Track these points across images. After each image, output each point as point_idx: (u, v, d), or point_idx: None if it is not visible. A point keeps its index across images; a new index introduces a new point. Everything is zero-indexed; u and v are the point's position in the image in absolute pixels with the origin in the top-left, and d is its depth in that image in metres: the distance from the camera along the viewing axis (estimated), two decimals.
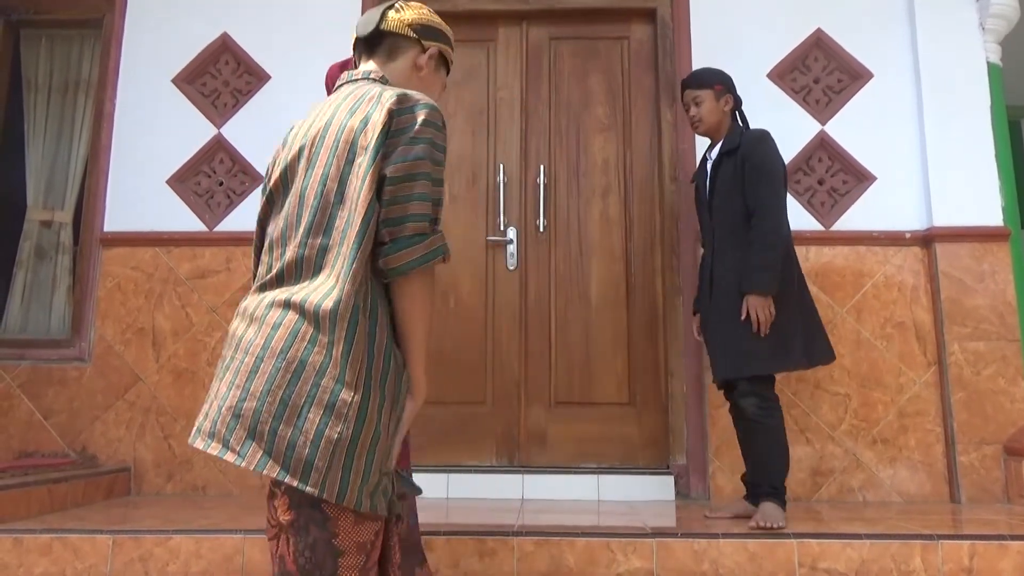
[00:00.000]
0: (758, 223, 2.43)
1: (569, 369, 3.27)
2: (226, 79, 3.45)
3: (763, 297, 2.39)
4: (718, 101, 2.65)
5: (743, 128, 2.66)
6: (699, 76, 2.70)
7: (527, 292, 3.33)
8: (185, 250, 3.29)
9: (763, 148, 2.52)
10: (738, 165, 2.52)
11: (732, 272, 2.48)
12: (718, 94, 2.65)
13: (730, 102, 2.66)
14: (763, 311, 2.39)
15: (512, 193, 3.39)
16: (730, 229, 2.52)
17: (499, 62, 3.51)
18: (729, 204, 2.54)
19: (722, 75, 2.70)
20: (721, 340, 2.49)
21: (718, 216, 2.57)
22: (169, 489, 3.12)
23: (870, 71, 3.32)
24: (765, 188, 2.46)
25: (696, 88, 2.68)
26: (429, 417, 3.19)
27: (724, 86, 2.66)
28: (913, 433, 3.04)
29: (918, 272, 3.16)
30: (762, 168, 2.48)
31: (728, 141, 2.61)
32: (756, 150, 2.51)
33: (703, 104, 2.65)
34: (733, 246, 2.51)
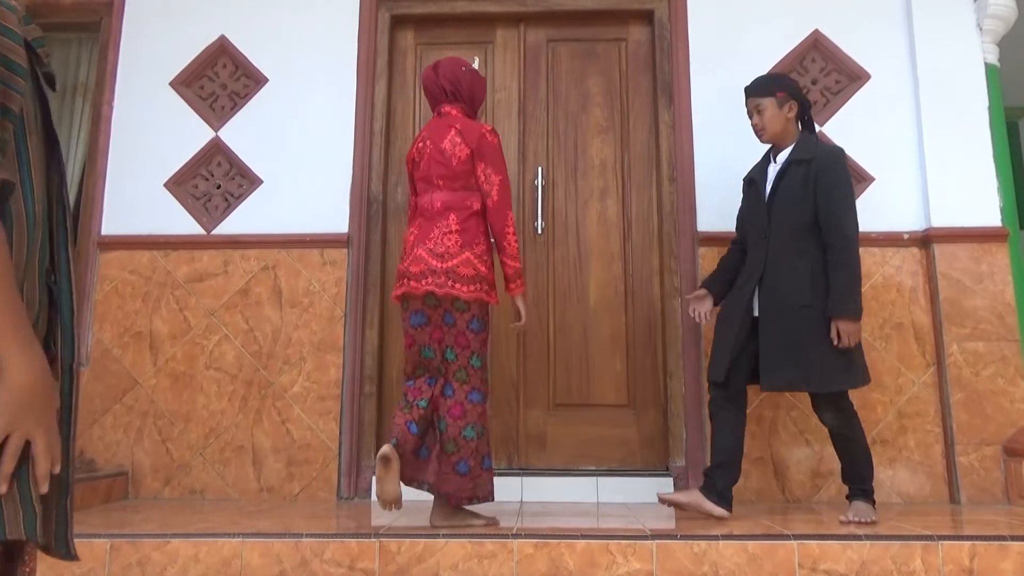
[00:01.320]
0: (842, 247, 2.41)
1: (568, 371, 3.27)
2: (224, 82, 3.45)
3: (855, 322, 2.40)
4: (781, 108, 2.58)
5: (816, 139, 2.60)
6: (759, 82, 2.63)
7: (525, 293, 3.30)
8: (183, 253, 3.28)
9: (843, 169, 2.50)
10: (811, 178, 2.47)
11: (792, 282, 2.45)
12: (780, 101, 2.58)
13: (794, 108, 2.59)
14: (856, 336, 2.40)
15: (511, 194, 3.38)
16: (791, 237, 2.49)
17: (497, 64, 3.51)
18: (794, 213, 2.49)
19: (784, 80, 2.64)
20: (786, 351, 2.43)
21: (778, 221, 2.52)
22: (167, 493, 3.11)
23: (868, 72, 3.32)
24: (848, 213, 2.44)
25: (757, 95, 2.60)
26: None
27: (787, 92, 2.59)
28: (912, 434, 3.04)
29: (916, 273, 3.15)
30: (845, 190, 2.47)
31: (801, 150, 2.54)
32: (837, 170, 2.48)
33: (765, 112, 2.58)
34: (792, 254, 2.48)
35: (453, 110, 2.46)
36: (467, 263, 2.33)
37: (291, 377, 3.16)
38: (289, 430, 3.12)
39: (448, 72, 2.46)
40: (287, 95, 3.40)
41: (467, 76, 2.46)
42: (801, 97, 2.62)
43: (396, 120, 3.48)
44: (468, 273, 2.33)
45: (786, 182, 2.53)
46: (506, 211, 2.37)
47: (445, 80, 2.46)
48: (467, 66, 2.49)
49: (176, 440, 3.14)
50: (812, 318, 2.41)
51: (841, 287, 2.40)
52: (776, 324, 2.46)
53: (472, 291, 2.32)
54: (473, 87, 2.48)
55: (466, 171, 2.39)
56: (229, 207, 3.34)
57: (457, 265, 2.32)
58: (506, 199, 2.37)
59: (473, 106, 2.50)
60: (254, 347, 3.19)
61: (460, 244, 2.35)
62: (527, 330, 3.28)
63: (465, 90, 2.46)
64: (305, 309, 3.21)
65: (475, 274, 2.33)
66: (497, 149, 2.40)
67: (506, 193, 2.37)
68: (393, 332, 3.29)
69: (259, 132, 3.37)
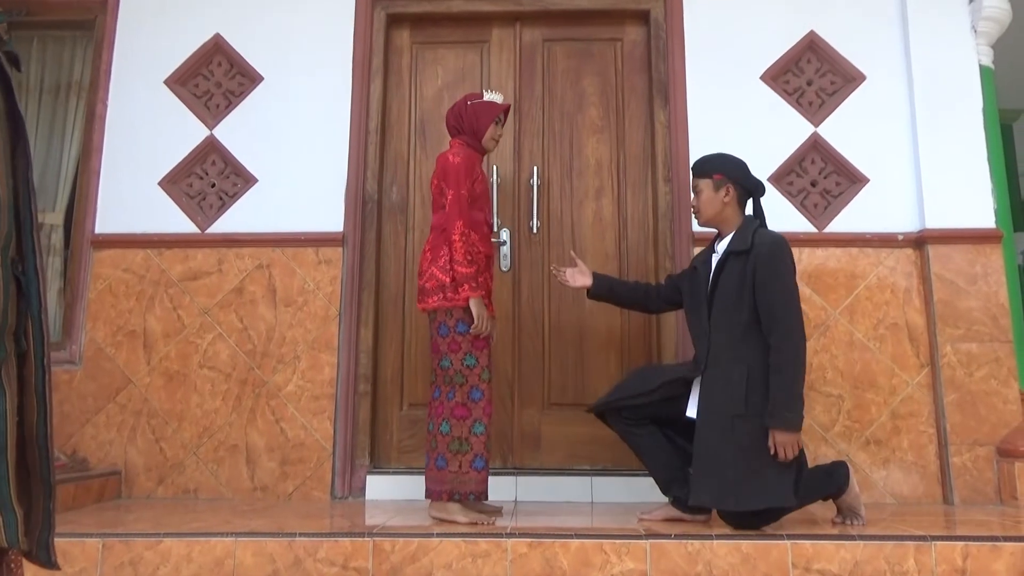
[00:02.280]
0: (784, 349, 2.24)
1: (563, 370, 3.27)
2: (219, 80, 3.44)
3: (793, 434, 2.23)
4: (716, 192, 2.45)
5: (757, 225, 2.43)
6: (700, 161, 2.52)
7: (520, 293, 3.33)
8: (177, 252, 3.27)
9: (782, 259, 2.32)
10: (748, 272, 2.32)
11: (727, 391, 2.30)
12: (716, 184, 2.45)
13: (731, 193, 2.44)
14: (793, 448, 2.22)
15: (505, 194, 3.39)
16: (727, 341, 2.34)
17: (493, 63, 3.51)
18: (729, 315, 2.35)
19: (725, 162, 2.48)
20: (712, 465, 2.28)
21: (717, 321, 2.38)
22: (160, 492, 3.10)
23: (863, 73, 3.33)
24: (788, 310, 2.27)
25: (695, 175, 2.51)
26: (417, 419, 3.19)
27: (725, 175, 2.44)
28: (906, 434, 3.05)
29: (911, 274, 3.16)
30: (784, 283, 2.30)
31: (738, 240, 2.39)
32: (775, 261, 2.30)
33: (701, 194, 2.48)
34: (728, 360, 2.33)
35: (455, 142, 2.63)
36: (431, 277, 2.50)
37: (285, 376, 3.16)
38: (283, 429, 3.12)
39: (455, 107, 2.64)
40: (282, 93, 3.40)
41: (469, 109, 2.60)
42: (746, 182, 2.47)
43: (391, 119, 3.48)
44: (431, 286, 2.49)
45: (724, 277, 2.39)
46: (453, 221, 2.46)
47: (451, 115, 2.65)
48: (474, 99, 2.62)
49: (169, 439, 3.14)
50: (745, 429, 2.26)
51: (779, 393, 2.23)
52: (707, 433, 2.32)
53: (435, 301, 2.47)
54: (474, 118, 2.60)
55: (439, 193, 2.56)
56: (223, 206, 3.34)
57: (426, 281, 2.51)
58: (454, 210, 2.47)
59: (476, 136, 2.61)
60: (248, 346, 3.19)
61: (430, 260, 2.52)
62: (522, 329, 3.28)
63: (466, 123, 2.60)
64: (299, 308, 3.21)
65: (437, 284, 2.48)
66: (454, 168, 2.50)
67: (456, 205, 2.47)
68: (387, 331, 3.30)
69: (254, 130, 3.37)
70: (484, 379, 2.48)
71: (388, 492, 3.07)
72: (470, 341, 2.46)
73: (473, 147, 2.62)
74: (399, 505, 2.89)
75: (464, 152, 2.56)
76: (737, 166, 2.50)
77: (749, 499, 2.25)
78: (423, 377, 3.23)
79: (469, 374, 2.46)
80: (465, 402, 2.45)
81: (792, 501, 2.28)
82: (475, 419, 2.44)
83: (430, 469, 2.45)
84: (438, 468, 2.43)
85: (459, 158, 2.53)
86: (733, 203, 2.46)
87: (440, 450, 2.43)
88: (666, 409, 2.49)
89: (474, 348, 2.47)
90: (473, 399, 2.45)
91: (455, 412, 2.44)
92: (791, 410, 2.22)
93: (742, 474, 2.24)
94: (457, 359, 2.45)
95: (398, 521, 2.48)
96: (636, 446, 2.52)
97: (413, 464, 3.18)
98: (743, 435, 2.27)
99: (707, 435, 2.32)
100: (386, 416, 3.25)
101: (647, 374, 2.57)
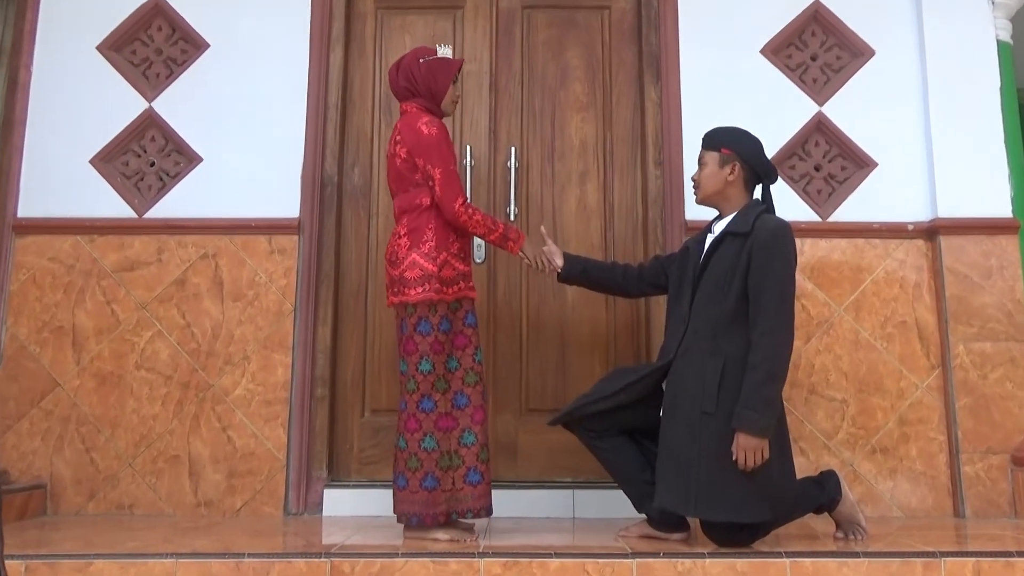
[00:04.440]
0: (764, 345, 2.21)
1: (542, 372, 3.27)
2: (159, 47, 3.40)
3: (758, 440, 2.19)
4: (722, 168, 2.44)
5: (762, 210, 2.42)
6: (710, 133, 2.53)
7: (496, 287, 3.32)
8: (111, 239, 3.23)
9: (783, 247, 2.29)
10: (743, 256, 2.30)
11: (698, 385, 2.27)
12: (723, 159, 2.44)
13: (736, 172, 2.44)
14: (757, 455, 2.18)
15: (480, 177, 3.37)
16: (707, 331, 2.32)
17: (467, 32, 3.49)
18: (714, 301, 2.33)
19: (738, 138, 2.47)
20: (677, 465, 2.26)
21: (699, 307, 2.37)
22: (91, 509, 3.06)
23: (872, 48, 3.35)
24: (778, 303, 2.24)
25: (704, 146, 2.51)
26: (380, 427, 3.18)
27: (734, 151, 2.44)
28: (915, 442, 3.08)
29: (921, 267, 3.19)
30: (780, 275, 2.26)
31: (738, 221, 2.38)
32: (773, 248, 2.28)
33: (705, 167, 2.48)
34: (703, 351, 2.31)
35: (411, 107, 2.55)
36: (413, 265, 2.43)
37: (233, 379, 3.13)
38: (231, 438, 3.10)
39: (406, 66, 2.56)
40: (231, 63, 3.35)
41: (423, 68, 2.53)
42: (757, 163, 2.46)
43: (353, 92, 3.45)
44: (414, 275, 2.42)
45: (716, 259, 2.38)
46: (451, 204, 2.43)
47: (400, 75, 2.56)
48: (427, 55, 2.55)
49: (102, 449, 3.10)
50: (713, 429, 2.23)
51: (749, 392, 2.20)
52: (673, 431, 2.30)
53: (419, 293, 2.41)
54: (430, 78, 2.53)
55: (409, 168, 2.48)
56: (164, 187, 3.30)
57: (405, 269, 2.44)
58: (450, 191, 2.43)
59: (434, 98, 2.55)
60: (191, 345, 3.16)
61: (408, 246, 2.45)
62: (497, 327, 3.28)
63: (421, 84, 2.53)
64: (250, 303, 3.18)
65: (422, 274, 2.42)
66: (435, 140, 2.45)
67: (449, 185, 2.44)
68: (348, 329, 3.29)
69: (198, 104, 3.33)
70: (470, 382, 2.47)
71: (348, 507, 3.06)
72: (452, 341, 2.44)
73: (432, 112, 2.56)
74: (360, 522, 2.88)
75: (438, 121, 2.52)
76: (750, 144, 2.49)
77: (713, 508, 2.24)
78: (387, 380, 3.21)
79: (452, 378, 2.44)
80: (450, 411, 2.43)
81: (765, 516, 2.26)
82: (463, 428, 2.44)
83: (410, 491, 2.39)
84: (426, 489, 2.38)
85: (435, 128, 2.47)
86: (738, 183, 2.46)
87: (427, 469, 2.39)
88: (638, 415, 2.49)
89: (456, 348, 2.46)
90: (459, 406, 2.44)
91: (439, 424, 2.41)
92: (758, 411, 2.19)
93: (707, 478, 2.23)
94: (439, 362, 2.42)
95: (359, 539, 2.45)
96: (603, 460, 2.53)
97: (376, 476, 3.16)
98: (711, 435, 2.24)
99: (672, 431, 2.31)
100: (346, 423, 3.23)
101: (614, 376, 2.55)
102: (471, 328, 2.51)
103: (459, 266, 2.48)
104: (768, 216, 2.40)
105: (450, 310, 2.45)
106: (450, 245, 2.47)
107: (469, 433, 2.44)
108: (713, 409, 2.25)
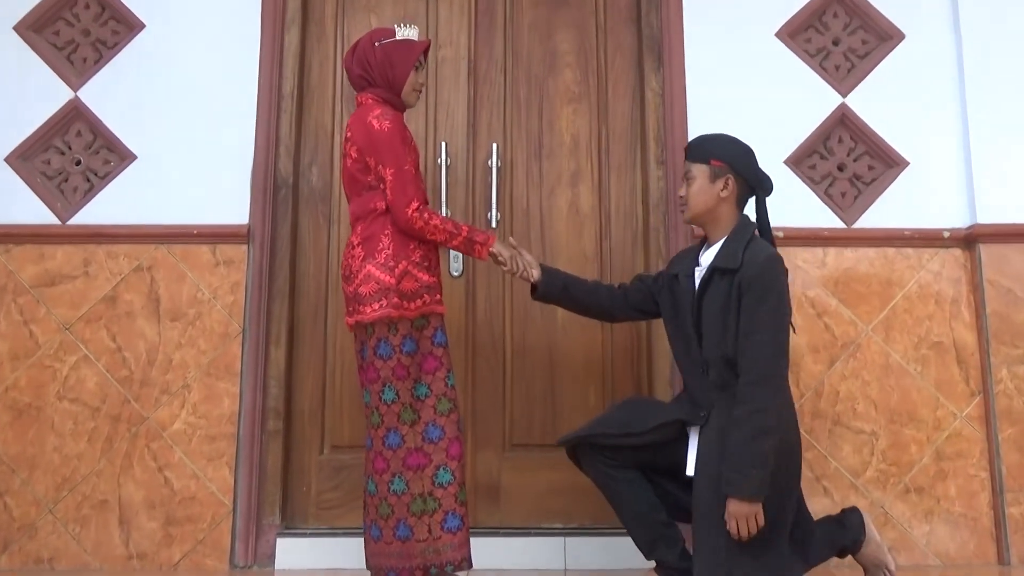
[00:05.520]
0: (751, 398, 2.16)
1: (528, 403, 3.18)
2: (86, 27, 3.28)
3: (750, 504, 2.11)
4: (713, 183, 2.36)
5: (751, 236, 2.34)
6: (696, 143, 2.44)
7: (474, 305, 3.22)
8: (29, 249, 3.12)
9: (773, 284, 2.22)
10: (733, 296, 2.24)
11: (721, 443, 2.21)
12: (715, 173, 2.36)
13: (730, 186, 2.35)
14: (750, 522, 2.12)
15: (456, 178, 3.28)
16: (721, 377, 2.27)
17: (441, 11, 3.40)
18: (720, 343, 2.26)
19: (729, 147, 2.40)
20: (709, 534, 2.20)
21: (711, 349, 2.30)
22: (4, 563, 2.94)
23: (901, 31, 3.27)
24: (767, 349, 2.18)
25: (689, 158, 2.42)
26: (342, 465, 3.11)
27: (726, 163, 2.36)
28: (953, 480, 3.00)
29: (959, 280, 3.12)
30: (768, 316, 2.19)
31: (726, 254, 2.29)
32: (764, 286, 2.20)
33: (693, 182, 2.39)
34: (724, 401, 2.24)
35: (367, 98, 2.50)
36: (368, 278, 2.37)
37: (171, 411, 3.02)
38: (168, 479, 2.98)
39: (359, 50, 2.51)
40: (170, 46, 3.26)
41: (378, 53, 2.47)
42: (750, 176, 2.38)
43: (311, 80, 3.35)
44: (369, 290, 2.36)
45: (708, 299, 2.31)
46: (403, 209, 2.36)
47: (354, 62, 2.51)
48: (382, 38, 2.49)
49: (17, 493, 2.97)
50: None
51: (738, 451, 2.14)
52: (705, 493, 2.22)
53: (375, 310, 2.35)
54: (386, 64, 2.46)
55: (361, 170, 2.43)
56: (92, 189, 3.19)
57: (359, 284, 2.39)
58: (402, 194, 2.37)
59: (393, 88, 2.49)
60: (123, 372, 3.04)
61: (362, 257, 2.41)
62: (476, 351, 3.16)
63: (376, 71, 2.47)
64: (191, 323, 3.08)
65: (378, 288, 2.36)
66: (386, 136, 2.39)
67: (402, 187, 2.37)
68: (305, 352, 3.20)
69: (132, 93, 3.23)
70: (443, 410, 2.38)
71: (304, 559, 2.96)
72: (419, 364, 2.37)
73: (391, 103, 2.49)
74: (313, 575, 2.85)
75: (392, 114, 2.44)
76: (743, 154, 2.42)
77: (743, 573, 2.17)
78: (350, 411, 3.12)
79: (421, 407, 2.36)
80: (420, 446, 2.34)
81: (798, 571, 2.22)
82: (438, 465, 2.34)
83: (384, 542, 2.33)
84: (400, 539, 2.31)
85: (388, 122, 2.40)
86: (731, 200, 2.38)
87: (399, 515, 2.31)
88: (656, 456, 2.40)
89: (424, 373, 2.38)
90: (430, 439, 2.36)
91: (408, 461, 2.32)
92: (747, 473, 2.12)
93: (733, 542, 2.16)
94: (404, 389, 2.34)
95: None
96: (613, 494, 2.41)
97: (336, 523, 3.07)
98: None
99: (704, 496, 2.23)
100: (302, 462, 3.13)
101: (639, 409, 2.46)
102: (441, 348, 2.42)
103: (422, 277, 2.40)
104: (757, 246, 2.32)
105: (414, 328, 2.37)
106: (410, 253, 2.40)
107: (444, 470, 2.34)
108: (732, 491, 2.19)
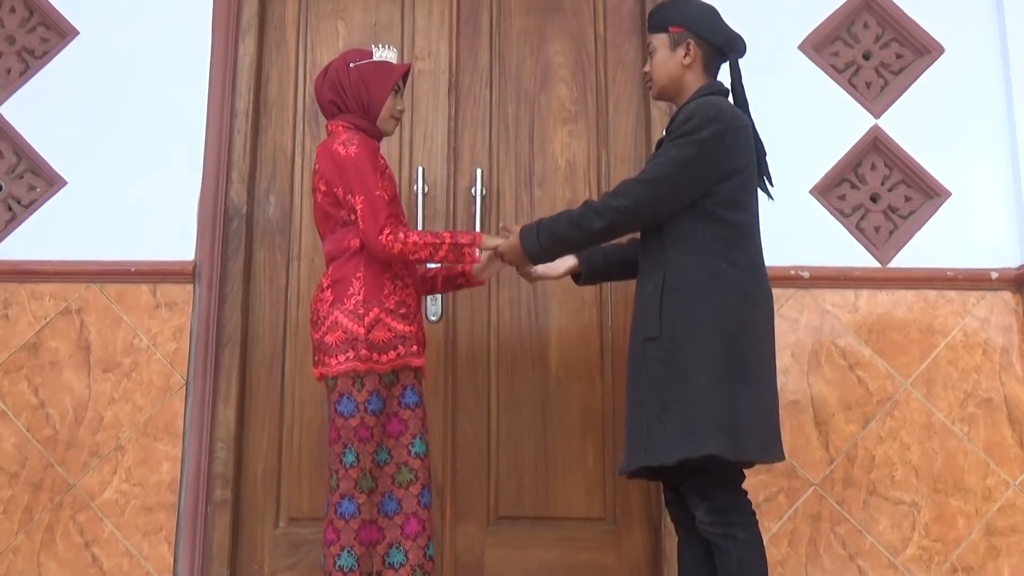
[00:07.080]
0: (614, 193, 2.26)
1: (517, 468, 3.07)
2: (11, 34, 3.23)
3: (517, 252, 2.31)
4: (674, 50, 2.33)
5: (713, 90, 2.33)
6: (652, 11, 2.46)
7: (455, 352, 3.12)
8: None
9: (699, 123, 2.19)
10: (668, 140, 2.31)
11: (641, 307, 2.29)
12: (674, 39, 2.33)
13: (692, 51, 2.31)
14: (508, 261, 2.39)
15: (435, 208, 3.21)
16: (649, 243, 2.33)
17: (418, 18, 3.33)
18: None
19: (686, 10, 2.38)
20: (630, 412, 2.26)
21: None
22: None
23: (940, 44, 3.20)
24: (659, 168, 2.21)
25: (648, 30, 2.43)
26: (301, 540, 2.99)
27: (685, 27, 2.32)
28: (1007, 558, 2.90)
29: (1010, 327, 3.03)
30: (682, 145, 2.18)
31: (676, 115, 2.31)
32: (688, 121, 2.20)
33: (655, 54, 2.38)
34: (648, 267, 2.31)
35: (337, 126, 2.48)
36: (335, 326, 2.35)
37: (102, 477, 2.94)
38: (96, 557, 2.89)
39: (331, 73, 2.50)
40: (107, 56, 3.20)
41: (353, 75, 2.45)
42: (713, 35, 2.34)
43: (269, 97, 3.28)
44: (336, 339, 2.34)
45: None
46: (375, 236, 2.33)
47: (326, 87, 2.50)
48: (357, 59, 2.49)
49: None
50: (656, 357, 2.19)
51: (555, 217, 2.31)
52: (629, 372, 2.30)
53: (341, 362, 2.32)
54: (361, 87, 2.45)
55: (333, 204, 2.41)
56: (14, 219, 3.13)
57: (326, 332, 2.37)
58: (372, 221, 2.34)
59: (368, 113, 2.47)
60: (46, 431, 2.96)
61: (331, 301, 2.39)
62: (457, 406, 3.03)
63: (351, 96, 2.46)
64: (126, 374, 3.01)
65: (345, 338, 2.33)
66: (352, 162, 2.38)
67: (372, 214, 2.35)
68: (259, 409, 3.10)
69: (63, 109, 3.17)
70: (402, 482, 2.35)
71: None
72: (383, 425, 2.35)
73: (365, 130, 2.46)
74: None
75: (358, 138, 2.41)
76: (703, 13, 2.39)
77: (660, 449, 2.13)
78: (310, 477, 3.02)
79: (380, 475, 2.34)
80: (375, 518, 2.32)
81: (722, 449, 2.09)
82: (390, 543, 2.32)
83: None
84: None
85: (354, 147, 2.38)
86: (696, 66, 2.34)
87: None
88: None
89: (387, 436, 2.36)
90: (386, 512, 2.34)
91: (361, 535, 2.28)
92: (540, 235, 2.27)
93: (654, 416, 2.16)
94: (365, 453, 2.30)
95: None
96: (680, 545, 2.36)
97: None
98: (655, 365, 2.19)
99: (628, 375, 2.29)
100: (254, 537, 3.02)
101: None
102: (410, 410, 2.39)
103: (396, 326, 2.36)
104: (709, 96, 2.30)
105: (383, 384, 2.34)
106: (384, 299, 2.36)
107: (397, 550, 2.31)
108: (657, 333, 2.20)
